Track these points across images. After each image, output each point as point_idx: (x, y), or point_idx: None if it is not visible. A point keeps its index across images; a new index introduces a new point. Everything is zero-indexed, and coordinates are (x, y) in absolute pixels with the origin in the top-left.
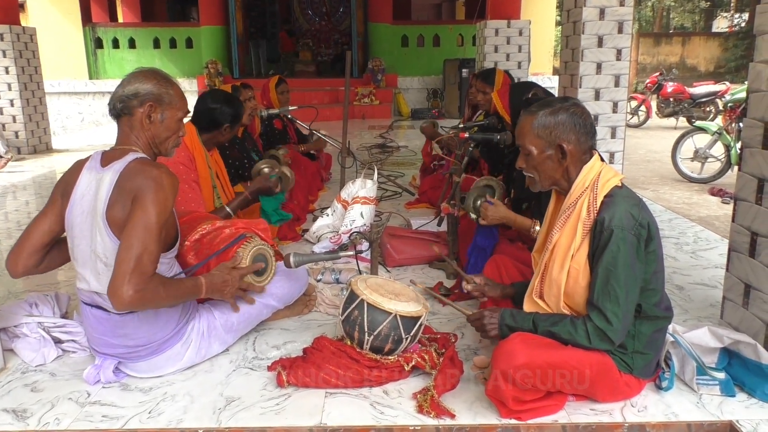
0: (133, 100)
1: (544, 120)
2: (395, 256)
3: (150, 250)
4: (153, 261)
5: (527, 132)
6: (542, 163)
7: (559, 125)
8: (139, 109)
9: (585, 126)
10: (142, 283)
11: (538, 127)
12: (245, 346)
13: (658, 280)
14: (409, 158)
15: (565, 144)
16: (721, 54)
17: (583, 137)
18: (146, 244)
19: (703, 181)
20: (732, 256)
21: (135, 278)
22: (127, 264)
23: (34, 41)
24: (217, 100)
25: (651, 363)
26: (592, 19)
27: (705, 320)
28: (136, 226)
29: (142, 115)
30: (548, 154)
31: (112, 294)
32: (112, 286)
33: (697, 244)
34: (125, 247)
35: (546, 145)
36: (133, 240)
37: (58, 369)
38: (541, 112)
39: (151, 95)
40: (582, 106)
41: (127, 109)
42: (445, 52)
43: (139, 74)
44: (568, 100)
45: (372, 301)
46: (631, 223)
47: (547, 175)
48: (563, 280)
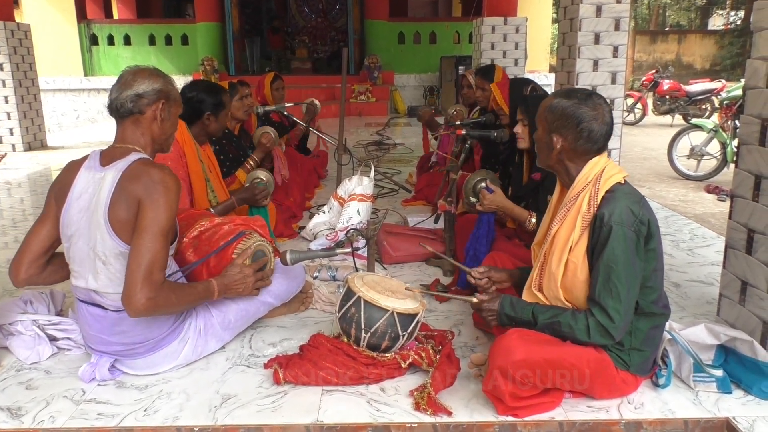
0: (145, 98)
1: (555, 105)
2: (392, 254)
3: (160, 256)
4: (163, 267)
5: (540, 111)
6: (539, 144)
7: (563, 118)
8: (150, 108)
9: (590, 131)
10: (153, 291)
11: (548, 110)
12: (241, 344)
13: (656, 278)
14: (406, 155)
15: (555, 137)
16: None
17: (582, 141)
18: (156, 250)
19: (699, 178)
20: (729, 253)
21: (147, 286)
22: (138, 272)
23: (29, 38)
24: (194, 89)
25: (648, 360)
26: (588, 16)
27: (702, 317)
28: (146, 231)
29: (155, 113)
30: (545, 139)
31: (127, 302)
32: (126, 295)
33: (694, 242)
34: (135, 255)
35: (545, 128)
36: (143, 247)
37: (53, 367)
38: (558, 98)
39: (161, 94)
40: (601, 110)
41: (137, 108)
42: (442, 50)
43: (144, 73)
44: (591, 98)
45: (369, 298)
46: (631, 220)
47: (542, 159)
48: (560, 273)
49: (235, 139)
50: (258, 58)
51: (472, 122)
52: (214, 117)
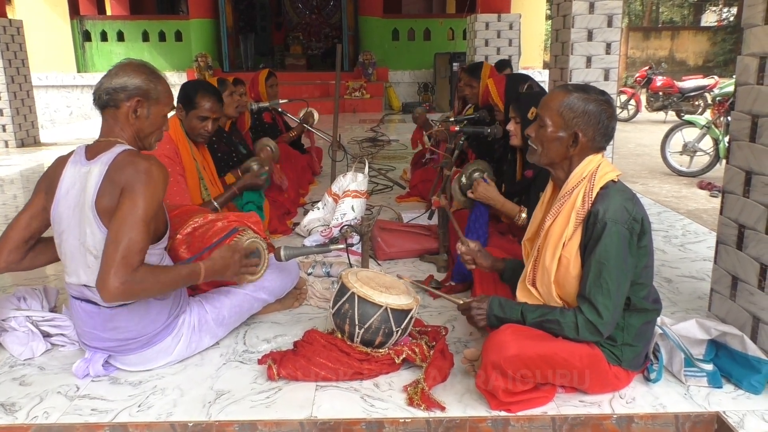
0: (120, 93)
1: (574, 102)
2: (386, 250)
3: (136, 241)
4: (139, 252)
5: (553, 106)
6: (551, 141)
7: (585, 114)
8: (125, 103)
9: (607, 128)
10: (128, 274)
11: (566, 106)
12: (235, 340)
13: (647, 275)
14: (400, 152)
15: (581, 134)
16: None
17: (600, 137)
18: (132, 236)
19: (691, 174)
20: (720, 249)
21: (121, 270)
22: (112, 257)
23: (21, 34)
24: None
25: (640, 355)
26: (581, 13)
27: (693, 312)
28: (124, 218)
29: (128, 110)
30: (560, 136)
31: (100, 287)
32: (99, 279)
33: (686, 237)
34: (111, 240)
35: (563, 126)
36: (120, 233)
37: (46, 363)
38: (576, 93)
39: (139, 90)
40: (613, 107)
41: (113, 102)
42: (436, 46)
43: (128, 67)
44: (604, 95)
45: (362, 294)
46: (625, 217)
47: (549, 155)
48: (554, 268)
49: (225, 135)
50: (252, 55)
51: (465, 118)
52: (184, 111)
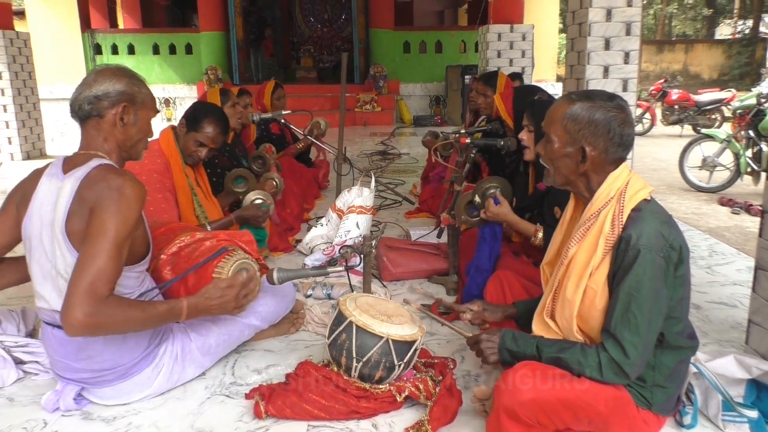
0: (104, 101)
1: (577, 113)
2: (392, 270)
3: (103, 269)
4: (107, 281)
5: (556, 119)
6: (559, 158)
7: (591, 125)
8: (110, 111)
9: (621, 136)
10: (93, 306)
11: (569, 118)
12: (223, 370)
13: (683, 308)
14: (411, 166)
15: (588, 148)
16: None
17: (614, 147)
18: (100, 263)
19: (711, 190)
20: (759, 275)
21: (86, 301)
22: (77, 285)
23: (28, 46)
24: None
25: (672, 397)
26: (598, 21)
27: (726, 344)
28: (92, 242)
29: (115, 117)
30: (568, 152)
31: (63, 318)
32: (62, 310)
33: (713, 258)
34: (78, 266)
35: (569, 141)
36: (88, 258)
37: (17, 393)
38: (578, 103)
39: (123, 96)
40: (627, 111)
41: (96, 111)
42: (448, 59)
43: (106, 72)
44: (614, 100)
45: (361, 323)
46: (661, 244)
47: (561, 173)
48: (578, 300)
49: (228, 148)
50: (262, 67)
51: (477, 130)
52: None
